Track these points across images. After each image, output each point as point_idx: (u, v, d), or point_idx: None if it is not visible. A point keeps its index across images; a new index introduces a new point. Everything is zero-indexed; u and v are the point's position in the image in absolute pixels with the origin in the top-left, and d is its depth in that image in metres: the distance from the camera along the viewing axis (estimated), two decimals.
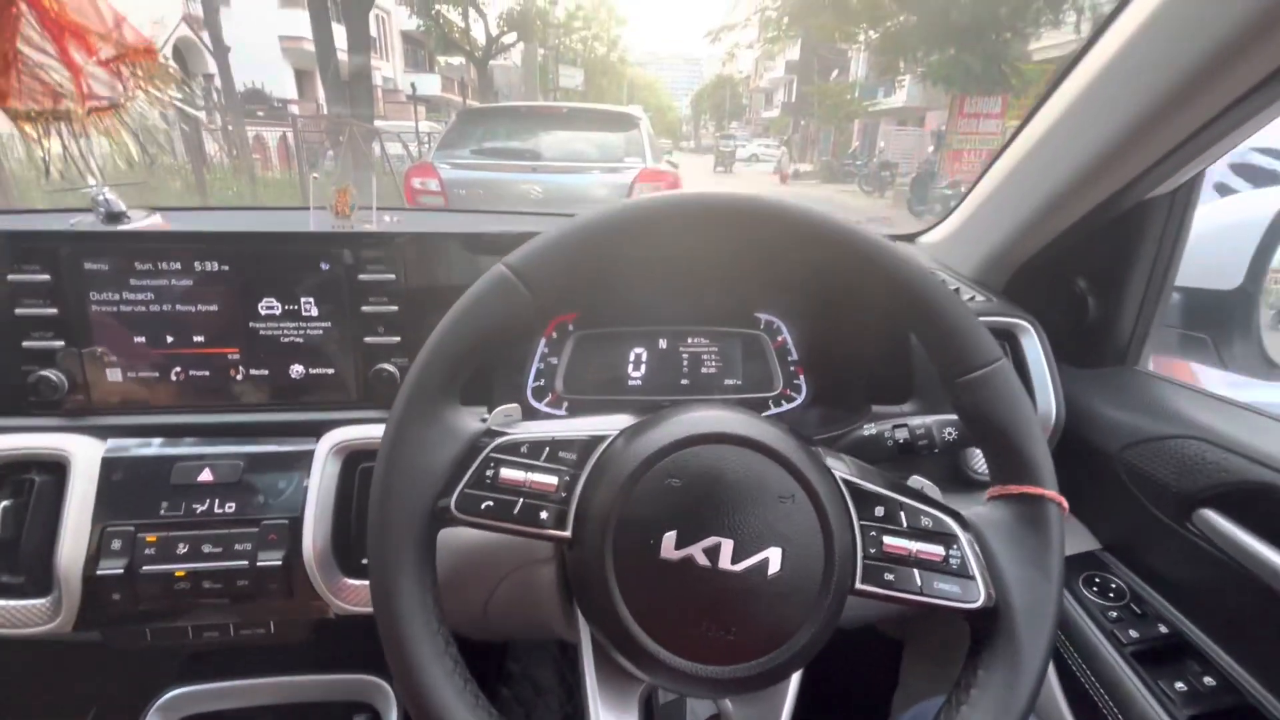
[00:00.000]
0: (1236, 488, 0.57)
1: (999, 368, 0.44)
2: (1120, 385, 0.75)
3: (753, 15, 16.77)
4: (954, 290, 0.80)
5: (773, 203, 0.45)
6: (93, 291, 0.67)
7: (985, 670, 0.42)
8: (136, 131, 0.59)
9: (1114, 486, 0.69)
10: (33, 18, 0.47)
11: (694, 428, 0.42)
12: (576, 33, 29.11)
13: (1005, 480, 0.46)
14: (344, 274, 0.70)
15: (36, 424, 0.68)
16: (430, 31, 17.39)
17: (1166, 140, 0.58)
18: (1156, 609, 0.66)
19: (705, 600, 0.39)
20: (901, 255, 0.45)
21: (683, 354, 0.85)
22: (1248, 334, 0.70)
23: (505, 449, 0.43)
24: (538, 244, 0.44)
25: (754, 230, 0.45)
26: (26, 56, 0.48)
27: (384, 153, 8.48)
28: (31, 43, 0.48)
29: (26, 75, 0.49)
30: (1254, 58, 0.49)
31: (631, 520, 0.40)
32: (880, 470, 0.48)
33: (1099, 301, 0.76)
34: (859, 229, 0.45)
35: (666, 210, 0.45)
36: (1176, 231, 0.69)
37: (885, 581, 0.42)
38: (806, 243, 0.45)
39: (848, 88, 25.00)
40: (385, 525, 0.41)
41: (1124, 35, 0.58)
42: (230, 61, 10.16)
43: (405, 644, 0.40)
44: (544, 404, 0.82)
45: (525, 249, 0.44)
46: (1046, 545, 0.44)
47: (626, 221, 0.45)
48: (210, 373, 0.70)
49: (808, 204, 0.45)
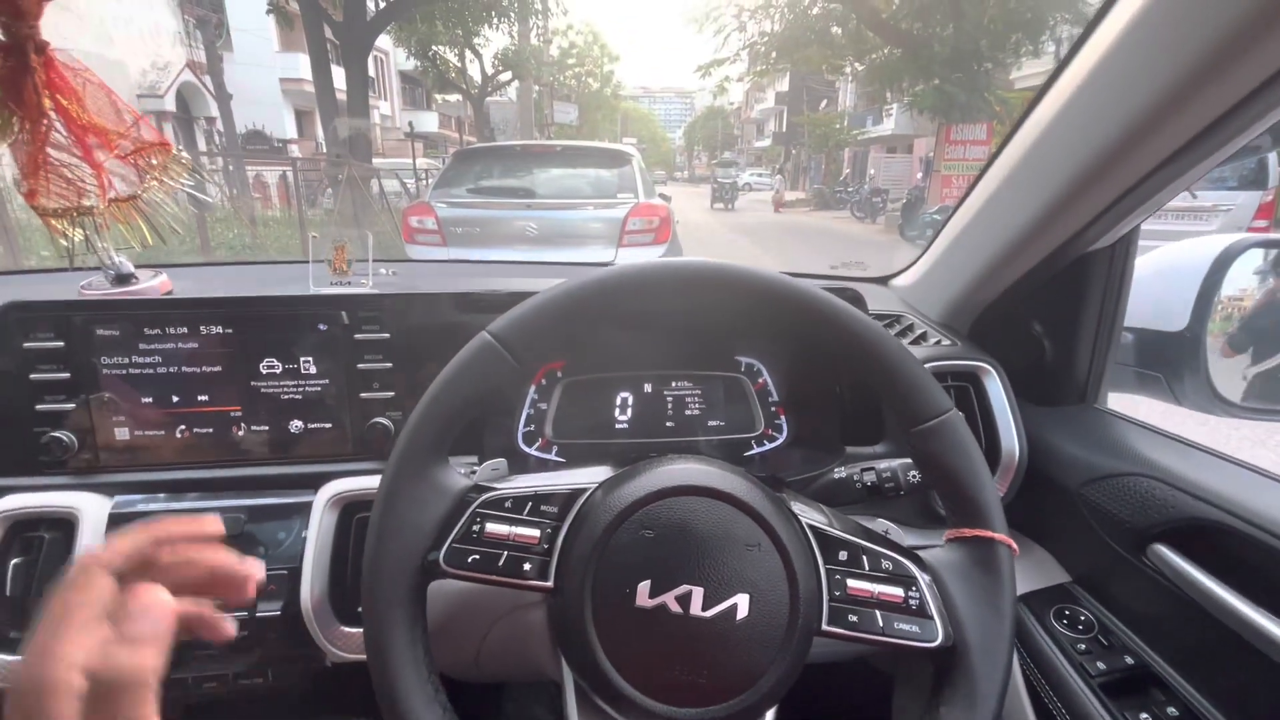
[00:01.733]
0: (1185, 524, 0.60)
1: (949, 419, 0.48)
2: (1079, 423, 0.78)
3: (741, 49, 17.21)
4: (916, 338, 0.85)
5: (723, 269, 0.48)
6: (103, 355, 0.70)
7: (946, 706, 0.44)
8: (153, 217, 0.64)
9: (1077, 522, 0.72)
10: (60, 124, 0.52)
11: (666, 480, 0.45)
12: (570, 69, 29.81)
13: (959, 524, 0.49)
14: (341, 334, 0.74)
15: (46, 483, 0.71)
16: (427, 71, 17.80)
17: (1101, 198, 0.63)
18: (1123, 640, 0.68)
19: (678, 645, 0.42)
20: (854, 314, 0.48)
21: (667, 397, 0.88)
22: (1196, 372, 0.73)
23: (491, 504, 0.46)
24: (519, 313, 0.48)
25: (710, 295, 0.49)
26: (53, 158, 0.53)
27: (382, 191, 8.64)
28: (58, 146, 0.53)
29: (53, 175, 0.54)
30: (1177, 122, 0.53)
31: (608, 570, 0.43)
32: (847, 513, 0.51)
33: (1054, 344, 0.80)
34: (811, 289, 0.48)
35: (633, 279, 0.49)
36: (1120, 280, 0.74)
37: (850, 623, 0.45)
38: (760, 305, 0.49)
39: (836, 117, 25.57)
40: (378, 580, 0.44)
41: (1063, 96, 0.63)
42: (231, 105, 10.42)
43: (397, 693, 0.42)
44: (534, 448, 0.85)
45: (508, 317, 0.48)
46: (998, 585, 0.46)
47: (598, 291, 0.49)
48: (213, 429, 0.74)
49: (756, 267, 0.49)
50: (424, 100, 29.56)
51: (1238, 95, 0.48)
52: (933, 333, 0.85)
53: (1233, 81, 0.48)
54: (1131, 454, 0.68)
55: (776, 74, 24.32)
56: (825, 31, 14.08)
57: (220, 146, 10.33)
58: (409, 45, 16.63)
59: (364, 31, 10.63)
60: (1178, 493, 0.61)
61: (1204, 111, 0.51)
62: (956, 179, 11.07)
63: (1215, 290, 0.72)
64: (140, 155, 0.58)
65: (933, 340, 0.84)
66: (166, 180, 0.62)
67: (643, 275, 0.49)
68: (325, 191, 9.79)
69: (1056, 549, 0.79)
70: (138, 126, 0.57)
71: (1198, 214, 5.06)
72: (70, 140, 0.53)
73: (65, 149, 0.54)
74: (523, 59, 17.51)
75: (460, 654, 0.72)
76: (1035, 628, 0.72)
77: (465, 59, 18.43)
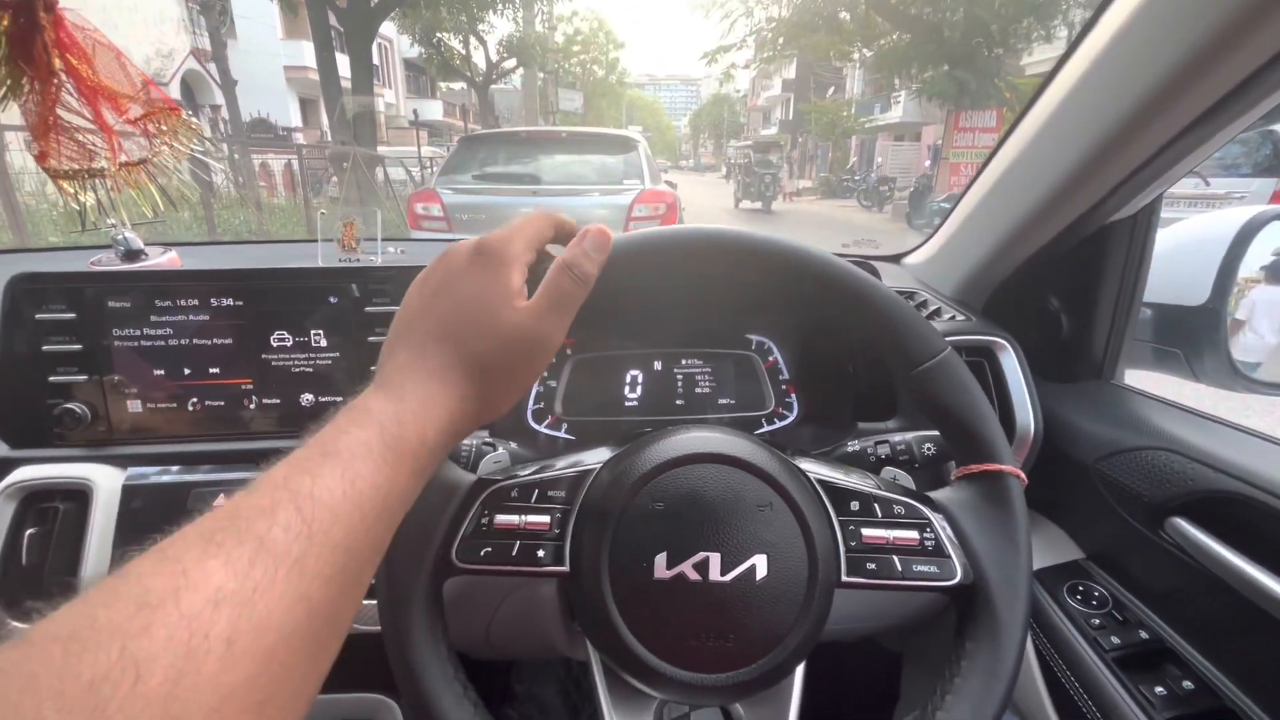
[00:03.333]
0: (1204, 496, 0.59)
1: (945, 358, 0.47)
2: (1096, 399, 0.77)
3: (748, 36, 17.03)
4: (930, 315, 0.84)
5: (709, 232, 0.47)
6: (115, 328, 0.71)
7: (972, 642, 0.44)
8: (164, 182, 0.63)
9: (1092, 497, 0.71)
10: (70, 85, 0.51)
11: (671, 451, 0.45)
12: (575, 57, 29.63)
13: (966, 460, 0.48)
14: (351, 306, 0.74)
15: (60, 454, 0.71)
16: (432, 59, 17.73)
17: (1123, 167, 0.61)
18: (1137, 615, 0.68)
19: (701, 613, 0.42)
20: (841, 264, 0.47)
21: (677, 375, 0.88)
22: (1216, 348, 0.72)
23: (497, 496, 0.45)
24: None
25: (703, 260, 0.48)
26: (64, 120, 0.53)
27: (387, 178, 8.63)
28: (68, 107, 0.53)
29: (64, 137, 0.53)
30: (1197, 90, 0.52)
31: (623, 547, 0.43)
32: (855, 468, 0.51)
33: (1071, 320, 0.79)
34: (801, 245, 0.48)
35: (617, 251, 0.48)
36: (1140, 252, 0.73)
37: (868, 571, 0.45)
38: (747, 264, 0.48)
39: (844, 104, 25.35)
40: (393, 589, 0.43)
41: (1080, 70, 0.62)
42: (236, 92, 10.41)
43: (427, 700, 0.41)
44: (544, 426, 0.85)
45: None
46: (1011, 517, 0.46)
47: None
48: (225, 402, 0.74)
49: (746, 229, 0.48)
50: (428, 88, 29.47)
51: (1260, 60, 0.47)
52: (947, 309, 0.84)
53: (1255, 46, 0.47)
54: (1150, 428, 0.68)
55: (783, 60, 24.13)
56: (833, 17, 13.93)
57: (225, 134, 10.32)
58: (413, 32, 16.56)
59: (368, 17, 10.59)
60: (1197, 465, 0.60)
61: (1227, 77, 0.50)
62: (965, 167, 10.98)
63: (1237, 263, 0.71)
64: (150, 119, 0.58)
65: (947, 316, 0.83)
66: (176, 145, 0.62)
67: (634, 243, 0.48)
68: (331, 180, 9.79)
69: (1070, 525, 0.78)
70: (147, 90, 0.57)
71: (1210, 201, 5.00)
72: (80, 102, 0.53)
73: (75, 111, 0.53)
74: (527, 45, 17.42)
75: (470, 632, 0.72)
76: (1049, 603, 0.72)
77: (470, 46, 18.35)
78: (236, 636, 0.23)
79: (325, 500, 0.29)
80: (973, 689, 0.42)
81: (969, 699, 0.42)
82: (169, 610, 0.22)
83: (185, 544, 0.25)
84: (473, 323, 0.38)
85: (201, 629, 0.22)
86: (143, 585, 0.23)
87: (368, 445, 0.32)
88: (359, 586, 0.31)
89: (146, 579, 0.23)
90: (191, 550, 0.25)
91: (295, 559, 0.26)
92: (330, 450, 0.31)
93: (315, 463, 0.30)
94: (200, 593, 0.23)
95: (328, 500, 0.29)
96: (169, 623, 0.22)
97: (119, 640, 0.21)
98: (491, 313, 0.38)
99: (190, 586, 0.23)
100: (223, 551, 0.25)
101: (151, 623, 0.21)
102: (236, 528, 0.26)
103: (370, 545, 0.31)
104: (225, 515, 0.27)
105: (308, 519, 0.27)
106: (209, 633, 0.22)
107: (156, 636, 0.21)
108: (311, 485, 0.29)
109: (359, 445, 0.32)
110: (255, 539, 0.26)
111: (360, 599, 0.32)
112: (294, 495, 0.28)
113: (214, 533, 0.26)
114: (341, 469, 0.30)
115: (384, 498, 0.31)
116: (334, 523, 0.28)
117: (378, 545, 0.32)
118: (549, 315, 0.39)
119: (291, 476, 0.29)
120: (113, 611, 0.22)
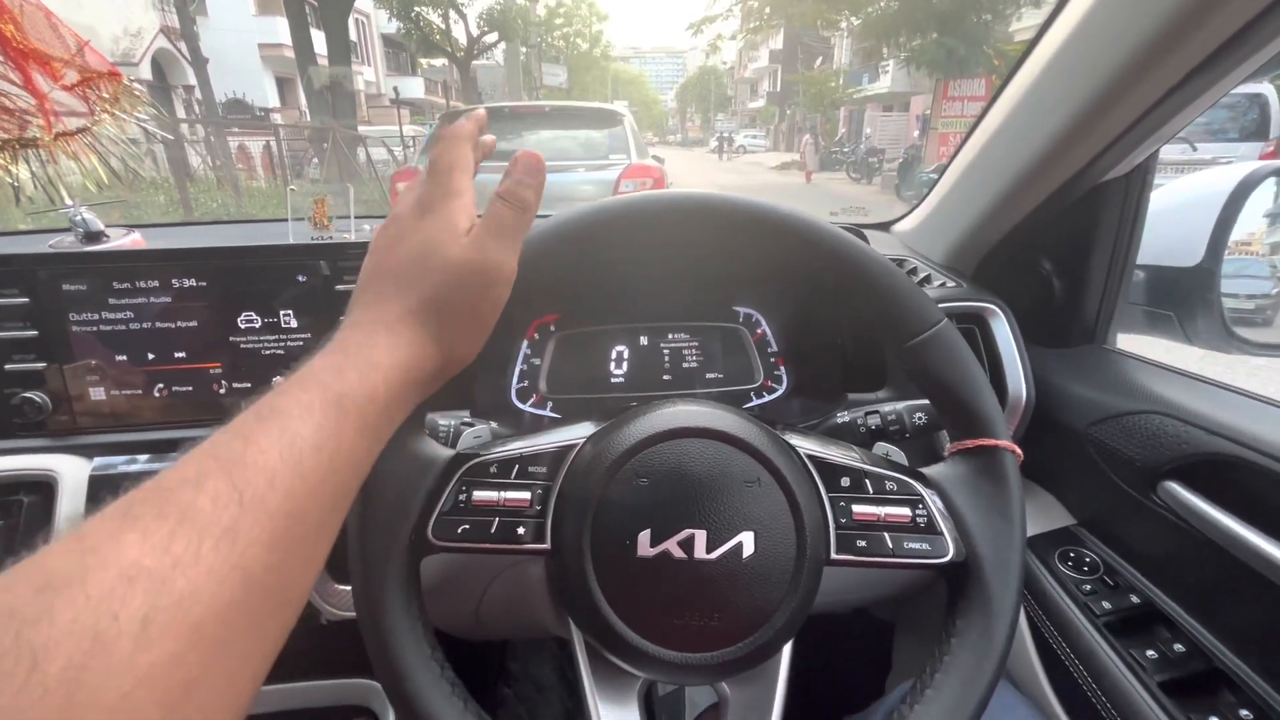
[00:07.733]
0: (1197, 459, 0.59)
1: (941, 329, 0.46)
2: (1088, 364, 0.76)
3: (735, 5, 16.70)
4: (920, 282, 0.82)
5: (692, 195, 0.46)
6: (72, 312, 0.68)
7: (963, 619, 0.43)
8: (106, 154, 0.60)
9: (1084, 463, 0.70)
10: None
11: (656, 425, 0.44)
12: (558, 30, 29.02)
13: (960, 436, 0.47)
14: (321, 285, 0.71)
15: (22, 445, 0.69)
16: (411, 34, 17.30)
17: (1116, 123, 0.59)
18: (1128, 580, 0.68)
19: (686, 591, 0.41)
20: (834, 231, 0.46)
21: (664, 350, 0.86)
22: (1210, 310, 0.71)
23: (475, 471, 0.44)
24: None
25: (693, 227, 0.46)
26: None
27: (369, 159, 8.46)
28: None
29: None
30: (1191, 43, 0.50)
31: (606, 524, 0.41)
32: (846, 443, 0.50)
33: (1064, 283, 0.78)
34: (795, 212, 0.46)
35: (601, 214, 0.46)
36: (1134, 212, 0.71)
37: (859, 548, 0.44)
38: (738, 231, 0.46)
39: (832, 75, 25.05)
40: (367, 568, 0.41)
41: (1070, 24, 0.59)
42: (210, 72, 10.11)
43: (404, 684, 0.40)
44: (529, 405, 0.83)
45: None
46: (1005, 493, 0.45)
47: (569, 229, 0.46)
48: (193, 388, 0.71)
49: (740, 194, 0.46)
50: (409, 65, 28.82)
51: (1255, 9, 0.46)
52: (937, 275, 0.82)
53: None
54: (1142, 392, 0.66)
55: (770, 30, 23.73)
56: None
57: (200, 115, 10.03)
58: (390, 6, 16.11)
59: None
60: (1191, 428, 0.60)
61: (1222, 27, 0.48)
62: (954, 136, 10.91)
63: (1233, 221, 0.69)
64: (88, 85, 0.54)
65: (937, 283, 0.81)
66: (118, 114, 0.58)
67: (605, 210, 0.46)
68: (311, 162, 9.57)
69: (1062, 492, 0.77)
70: (82, 53, 0.53)
71: (1197, 167, 5.00)
72: (6, 63, 0.49)
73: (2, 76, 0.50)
74: (509, 19, 17.02)
75: (459, 612, 0.71)
76: (1040, 570, 0.71)
77: (449, 20, 17.88)
78: (154, 614, 0.22)
79: (260, 464, 0.27)
80: (963, 667, 0.42)
81: (959, 677, 0.41)
82: (74, 592, 0.21)
83: (100, 522, 0.24)
84: (422, 267, 0.38)
85: (111, 610, 0.21)
86: (47, 568, 0.21)
87: (308, 404, 0.30)
88: (309, 553, 0.30)
89: (52, 560, 0.22)
90: (106, 527, 0.23)
91: (225, 528, 0.25)
92: (266, 413, 0.30)
93: (250, 427, 0.29)
94: (110, 570, 0.22)
95: (262, 464, 0.27)
96: (74, 605, 0.20)
97: (13, 627, 0.19)
98: (440, 252, 0.38)
99: (101, 565, 0.22)
100: (139, 525, 0.23)
101: (53, 606, 0.20)
102: (158, 500, 0.25)
103: (318, 509, 0.30)
104: (148, 489, 0.25)
105: (239, 486, 0.26)
106: (119, 613, 0.21)
107: (59, 621, 0.20)
108: (244, 450, 0.27)
109: (298, 405, 0.30)
110: (178, 511, 0.24)
111: (314, 566, 0.30)
112: (223, 462, 0.27)
113: (131, 506, 0.24)
114: (278, 431, 0.29)
115: (328, 458, 0.30)
116: (269, 488, 0.27)
117: (328, 508, 0.31)
118: (493, 244, 0.39)
119: (221, 443, 0.28)
120: (11, 596, 0.20)
